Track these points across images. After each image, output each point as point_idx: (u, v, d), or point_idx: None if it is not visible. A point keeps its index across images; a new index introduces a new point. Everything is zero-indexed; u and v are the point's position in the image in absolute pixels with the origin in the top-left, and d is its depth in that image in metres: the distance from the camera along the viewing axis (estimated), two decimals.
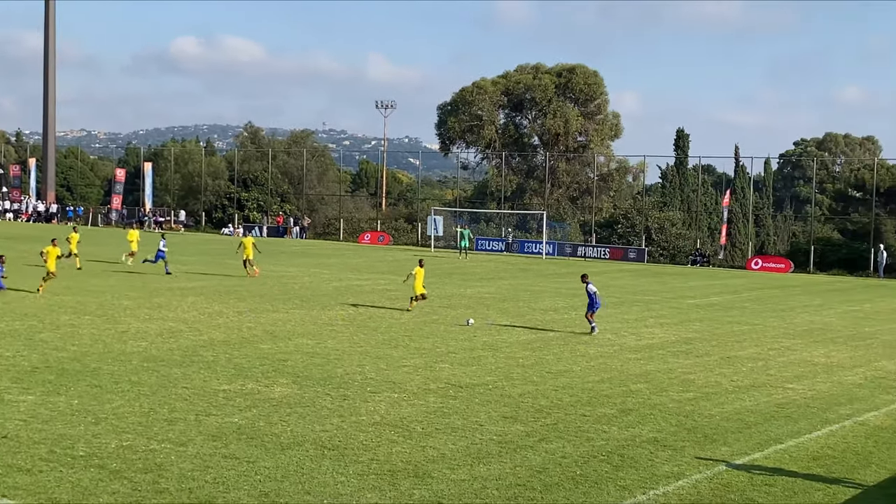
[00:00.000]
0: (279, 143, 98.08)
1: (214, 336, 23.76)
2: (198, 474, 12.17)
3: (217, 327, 25.30)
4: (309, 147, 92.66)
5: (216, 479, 12.02)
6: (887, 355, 24.72)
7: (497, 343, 24.30)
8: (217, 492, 11.53)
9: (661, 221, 68.35)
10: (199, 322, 26.15)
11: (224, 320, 26.68)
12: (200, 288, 34.71)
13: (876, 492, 12.78)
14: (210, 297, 31.81)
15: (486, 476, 12.55)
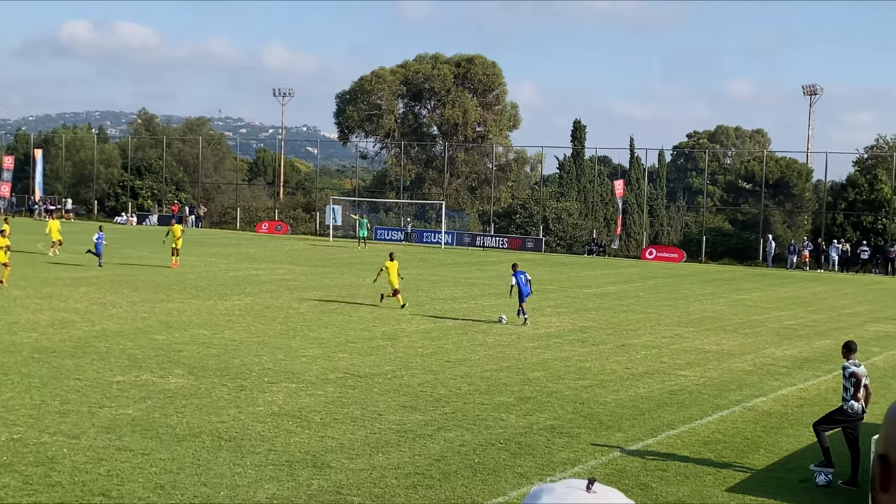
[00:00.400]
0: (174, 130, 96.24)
1: (108, 326, 23.25)
2: (91, 467, 11.90)
3: (110, 317, 24.76)
4: (205, 135, 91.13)
5: (110, 471, 11.77)
6: (775, 343, 25.47)
7: (396, 333, 24.31)
8: (111, 484, 11.30)
9: (558, 212, 69.18)
10: (92, 312, 25.55)
11: (118, 310, 26.12)
12: (93, 278, 33.90)
13: (764, 474, 13.16)
14: (103, 288, 31.10)
15: (385, 465, 12.55)
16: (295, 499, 11.13)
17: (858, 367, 13.06)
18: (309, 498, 11.18)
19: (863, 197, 59.44)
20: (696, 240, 65.47)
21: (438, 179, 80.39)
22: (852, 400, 12.90)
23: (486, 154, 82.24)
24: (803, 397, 18.44)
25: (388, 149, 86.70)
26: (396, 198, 77.85)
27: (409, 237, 68.46)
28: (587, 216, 70.90)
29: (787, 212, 73.40)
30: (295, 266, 42.82)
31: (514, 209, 72.73)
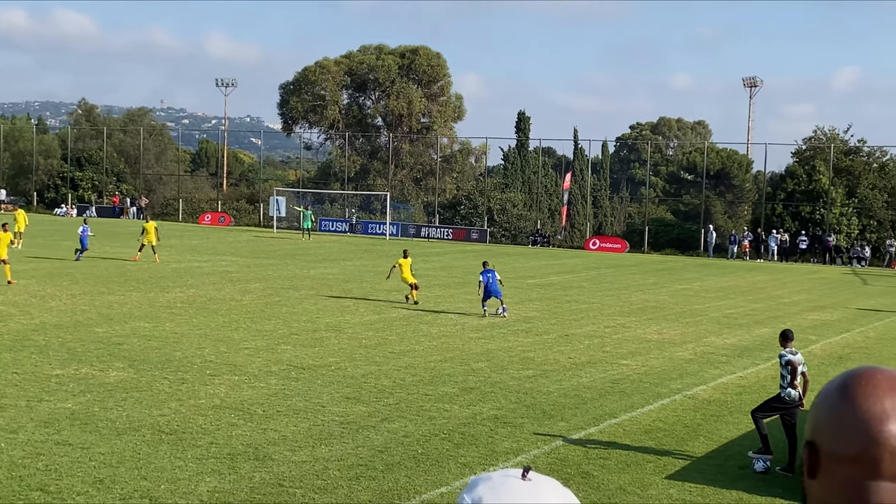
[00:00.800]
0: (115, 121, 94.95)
1: (46, 319, 22.89)
2: (29, 461, 11.72)
3: (49, 310, 24.38)
4: (146, 125, 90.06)
5: (48, 466, 11.60)
6: (715, 331, 25.80)
7: (340, 324, 24.24)
8: (49, 479, 11.14)
9: (502, 203, 69.42)
10: (31, 305, 25.15)
11: (57, 303, 25.73)
12: (32, 270, 33.35)
13: (704, 461, 13.33)
14: (42, 280, 30.62)
15: (328, 457, 12.52)
16: (236, 492, 11.06)
17: (795, 354, 13.28)
18: (251, 491, 11.12)
19: (801, 188, 60.40)
20: (638, 230, 66.10)
21: (383, 170, 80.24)
22: (789, 387, 13.12)
23: (430, 145, 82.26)
24: (742, 385, 18.71)
25: (333, 140, 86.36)
26: (341, 189, 77.57)
27: (353, 228, 68.29)
28: (532, 207, 71.21)
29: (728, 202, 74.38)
30: (238, 258, 42.51)
31: (459, 200, 72.86)
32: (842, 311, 32.07)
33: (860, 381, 1.68)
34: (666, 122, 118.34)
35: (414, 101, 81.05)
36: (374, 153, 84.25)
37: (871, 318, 30.23)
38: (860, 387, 1.67)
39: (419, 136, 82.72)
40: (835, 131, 64.21)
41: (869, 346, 24.54)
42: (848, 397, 1.67)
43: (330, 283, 33.93)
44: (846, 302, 35.08)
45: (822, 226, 59.05)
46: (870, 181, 60.56)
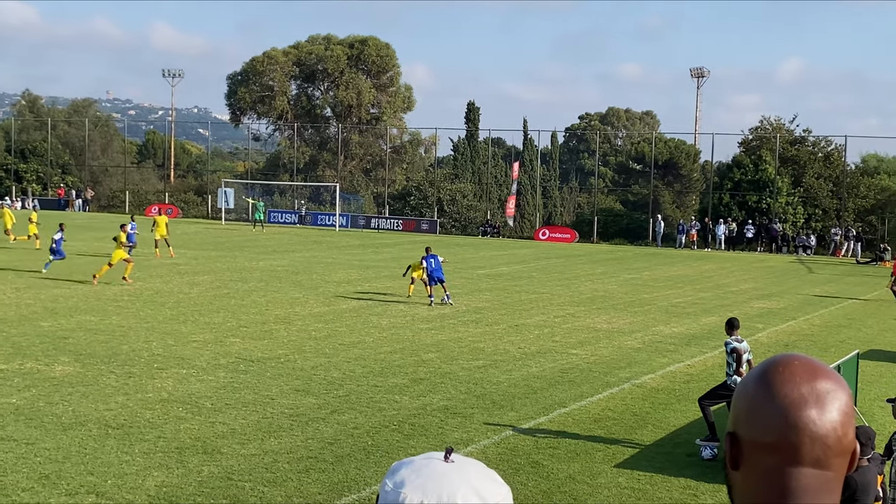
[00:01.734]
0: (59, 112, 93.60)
1: None
2: None
3: None
4: (91, 117, 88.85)
5: None
6: (663, 320, 26.03)
7: (290, 316, 24.11)
8: None
9: (452, 193, 69.44)
10: None
11: (1, 297, 25.30)
12: None
13: (652, 450, 13.44)
14: None
15: (278, 450, 12.44)
16: (185, 486, 10.96)
17: (741, 342, 13.43)
18: (199, 485, 11.02)
19: (748, 177, 61.08)
20: (588, 220, 66.49)
21: (333, 162, 79.90)
22: (735, 375, 13.27)
23: (380, 136, 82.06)
24: (690, 373, 18.90)
25: (282, 131, 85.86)
26: (290, 180, 77.13)
27: (303, 220, 67.93)
28: (481, 197, 71.31)
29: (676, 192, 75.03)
30: (186, 250, 42.10)
31: (409, 191, 72.78)
32: (788, 299, 32.51)
33: (777, 368, 1.69)
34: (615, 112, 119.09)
35: (363, 92, 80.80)
36: (324, 144, 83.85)
37: (817, 306, 30.68)
38: (777, 374, 1.68)
39: (369, 127, 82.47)
40: (781, 121, 65.02)
41: (814, 334, 24.90)
42: (766, 385, 1.68)
43: (279, 274, 33.73)
44: (792, 290, 35.57)
45: (769, 215, 59.79)
46: (815, 171, 61.39)
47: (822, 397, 1.65)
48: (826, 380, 1.67)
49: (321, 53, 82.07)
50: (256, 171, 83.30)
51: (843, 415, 1.65)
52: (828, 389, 1.66)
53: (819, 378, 1.67)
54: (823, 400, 1.65)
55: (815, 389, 1.65)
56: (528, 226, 69.08)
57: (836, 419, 1.64)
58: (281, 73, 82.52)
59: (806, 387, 1.65)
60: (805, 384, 1.66)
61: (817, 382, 1.66)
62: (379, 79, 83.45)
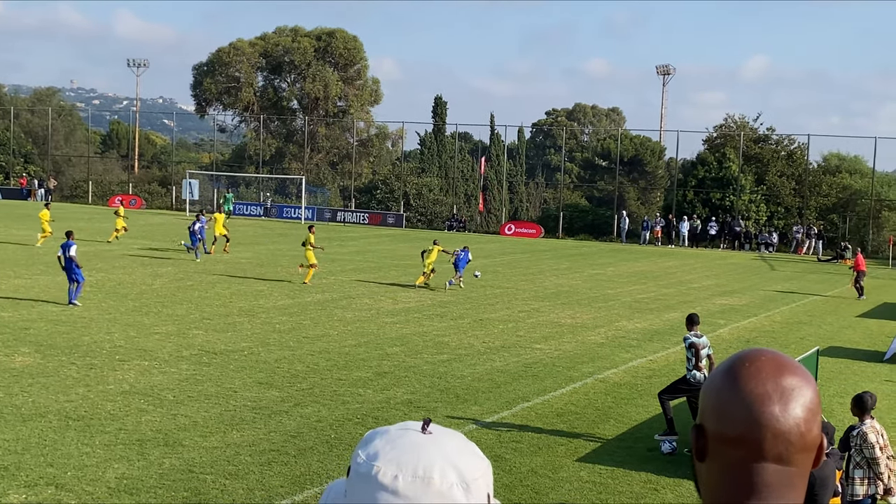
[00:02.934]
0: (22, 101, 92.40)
1: None
2: None
3: None
4: (55, 106, 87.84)
5: None
6: (626, 316, 26.18)
7: (254, 309, 24.01)
8: None
9: (419, 187, 69.39)
10: None
11: None
12: None
13: (614, 444, 13.53)
14: None
15: (240, 442, 12.40)
16: (145, 478, 10.90)
17: (700, 338, 13.54)
18: (160, 477, 10.97)
19: (712, 174, 61.51)
20: (553, 216, 66.67)
21: (299, 154, 79.56)
22: (694, 370, 13.38)
23: (347, 129, 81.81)
24: (652, 369, 19.03)
25: (248, 122, 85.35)
26: (256, 172, 76.74)
27: (268, 212, 67.61)
28: (448, 192, 71.32)
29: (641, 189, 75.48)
30: (150, 241, 41.78)
31: (376, 184, 72.65)
32: (749, 295, 32.80)
33: (744, 363, 1.70)
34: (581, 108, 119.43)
35: (330, 85, 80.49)
36: (290, 136, 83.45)
37: (778, 303, 30.97)
38: (744, 369, 1.69)
39: (335, 120, 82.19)
40: (745, 119, 65.50)
41: (775, 331, 25.15)
42: (732, 380, 1.70)
43: (244, 267, 33.57)
44: (754, 287, 35.89)
45: (732, 212, 60.24)
46: (778, 169, 61.92)
47: (786, 394, 1.66)
48: (792, 376, 1.68)
49: (288, 45, 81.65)
50: (222, 163, 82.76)
51: (807, 411, 1.66)
52: (793, 386, 1.67)
53: (785, 374, 1.68)
54: (788, 396, 1.66)
55: (781, 386, 1.67)
56: (494, 220, 69.18)
57: (800, 416, 1.66)
58: (247, 64, 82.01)
59: (771, 383, 1.67)
60: (770, 380, 1.67)
61: (783, 379, 1.68)
62: (346, 72, 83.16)
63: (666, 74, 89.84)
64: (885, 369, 20.25)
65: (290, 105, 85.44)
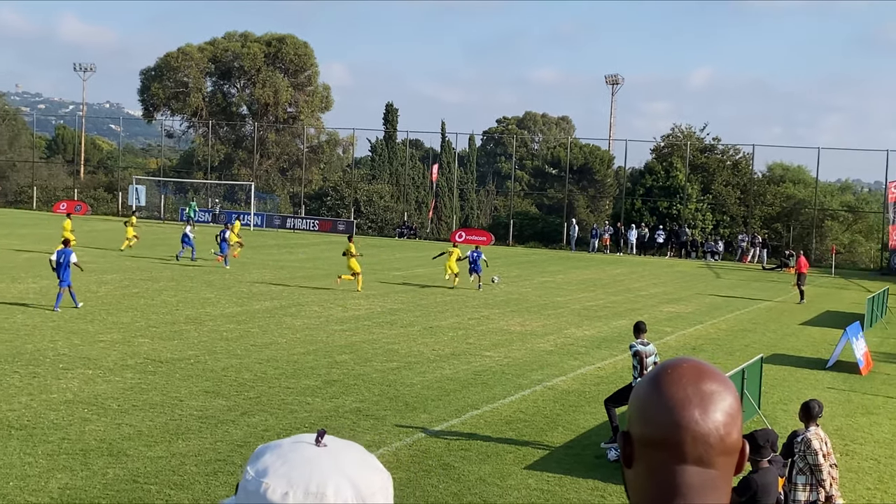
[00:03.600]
0: None
1: None
2: None
3: None
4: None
5: None
6: (575, 323, 26.33)
7: (201, 316, 23.79)
8: None
9: (369, 194, 69.28)
10: None
11: None
12: None
13: (562, 451, 13.59)
14: None
15: (185, 452, 12.27)
16: (89, 488, 10.74)
17: (646, 345, 13.65)
18: (104, 487, 10.82)
19: (659, 183, 62.12)
20: (504, 223, 66.89)
21: (248, 160, 79.02)
22: (640, 377, 13.47)
23: (297, 135, 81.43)
24: (600, 376, 19.14)
25: (196, 128, 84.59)
26: (204, 178, 76.12)
27: (216, 219, 67.07)
28: (399, 199, 71.28)
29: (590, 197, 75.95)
30: (95, 248, 41.27)
31: (326, 191, 72.40)
32: (696, 303, 33.14)
33: (666, 371, 1.77)
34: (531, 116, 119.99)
35: (280, 91, 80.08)
36: (239, 142, 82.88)
37: (723, 311, 31.33)
38: (666, 376, 1.76)
39: (286, 126, 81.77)
40: (691, 129, 66.24)
41: (720, 338, 25.42)
42: (655, 386, 1.76)
43: (191, 274, 33.28)
44: (700, 295, 36.27)
45: (679, 221, 60.88)
46: (723, 178, 62.69)
47: (706, 398, 1.72)
48: (712, 382, 1.74)
49: (238, 51, 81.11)
50: (169, 169, 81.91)
51: (726, 416, 1.72)
52: (713, 391, 1.73)
53: (705, 380, 1.74)
54: (708, 401, 1.71)
55: (701, 390, 1.72)
56: (445, 228, 69.25)
57: (720, 420, 1.71)
58: (196, 69, 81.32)
59: (692, 388, 1.72)
60: (691, 385, 1.73)
61: (703, 384, 1.73)
62: (296, 78, 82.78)
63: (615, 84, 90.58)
64: (827, 376, 20.55)
65: (240, 111, 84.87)
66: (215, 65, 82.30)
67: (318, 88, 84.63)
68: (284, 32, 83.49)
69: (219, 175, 77.83)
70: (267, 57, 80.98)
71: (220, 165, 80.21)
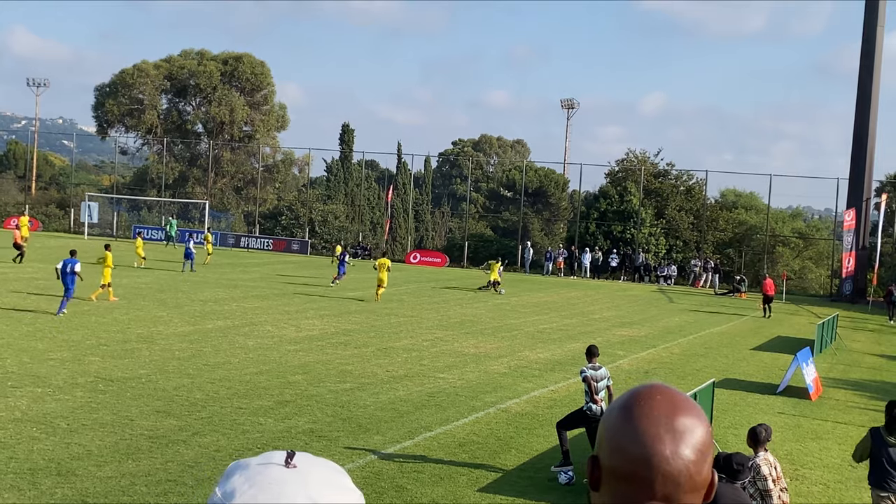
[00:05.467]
0: None
1: None
2: None
3: None
4: None
5: None
6: (529, 346, 26.40)
7: (153, 335, 23.56)
8: None
9: (324, 214, 69.13)
10: None
11: None
12: None
13: (515, 474, 13.60)
14: None
15: (135, 472, 12.13)
16: None
17: (597, 370, 13.72)
18: None
19: (613, 207, 62.63)
20: (458, 245, 67.04)
21: (203, 178, 78.57)
22: (591, 402, 13.55)
23: (252, 154, 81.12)
24: (553, 399, 19.20)
25: (150, 145, 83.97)
26: (158, 196, 75.52)
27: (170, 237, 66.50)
28: (354, 219, 71.18)
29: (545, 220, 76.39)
30: (46, 265, 40.74)
31: (281, 211, 72.16)
32: (648, 327, 33.38)
33: (639, 402, 1.75)
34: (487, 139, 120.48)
35: (236, 109, 79.79)
36: (194, 160, 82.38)
37: (676, 335, 31.58)
38: (638, 408, 1.74)
39: (241, 145, 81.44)
40: (645, 154, 66.94)
41: (673, 362, 25.62)
42: (627, 417, 1.74)
43: (143, 292, 32.95)
44: (653, 319, 36.54)
45: (632, 245, 61.38)
46: (677, 203, 63.36)
47: (678, 436, 1.71)
48: (685, 416, 1.73)
49: (194, 68, 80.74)
50: (123, 186, 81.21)
51: (697, 453, 1.71)
52: (685, 427, 1.72)
53: (678, 415, 1.73)
54: (679, 438, 1.70)
55: (673, 427, 1.71)
56: (400, 249, 69.24)
57: (690, 458, 1.70)
58: (151, 86, 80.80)
59: (664, 424, 1.71)
60: (663, 421, 1.72)
61: (676, 420, 1.72)
62: (253, 96, 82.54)
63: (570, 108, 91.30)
64: (778, 401, 20.78)
65: (195, 129, 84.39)
66: (171, 82, 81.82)
67: (274, 107, 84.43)
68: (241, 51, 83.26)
69: (173, 193, 77.27)
70: (223, 75, 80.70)
71: (175, 183, 79.65)
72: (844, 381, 24.21)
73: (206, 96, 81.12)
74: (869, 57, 53.48)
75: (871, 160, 54.23)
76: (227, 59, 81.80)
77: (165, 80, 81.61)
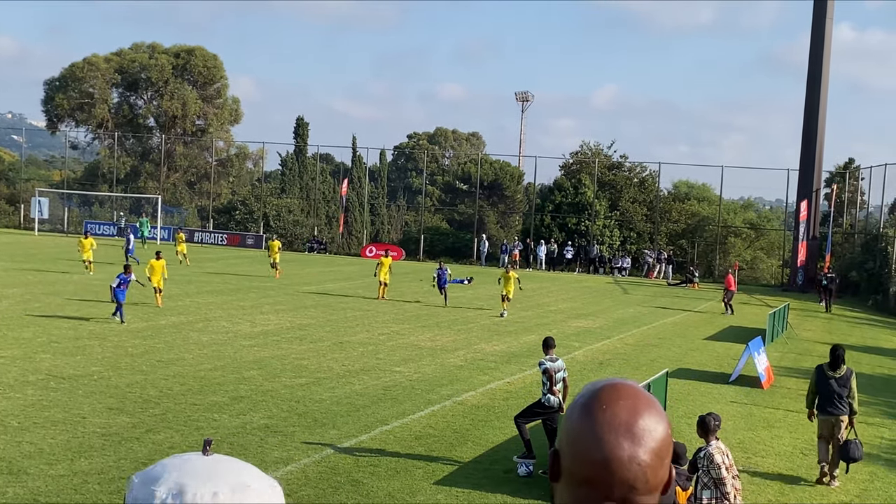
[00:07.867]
0: None
1: None
2: None
3: None
4: None
5: None
6: (485, 338, 26.46)
7: (105, 332, 23.31)
8: None
9: (279, 208, 68.78)
10: None
11: None
12: None
13: (471, 466, 13.63)
14: None
15: (88, 470, 12.01)
16: None
17: (555, 361, 13.78)
18: None
19: (568, 200, 62.92)
20: (414, 238, 67.00)
21: (155, 173, 77.81)
22: (549, 394, 13.61)
23: (206, 148, 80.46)
24: (510, 391, 19.27)
25: (102, 140, 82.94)
26: (109, 191, 74.69)
27: (122, 232, 65.82)
28: (309, 213, 70.88)
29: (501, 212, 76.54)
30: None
31: (235, 205, 71.65)
32: (603, 318, 33.60)
33: (600, 404, 1.76)
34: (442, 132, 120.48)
35: (189, 103, 79.05)
36: (146, 154, 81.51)
37: (630, 326, 31.81)
38: (599, 411, 1.76)
39: (194, 139, 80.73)
40: (599, 147, 67.31)
41: (627, 353, 25.80)
42: (587, 418, 1.76)
43: (95, 288, 32.58)
44: (607, 310, 36.78)
45: (587, 237, 61.72)
46: (630, 195, 63.80)
47: (636, 439, 1.73)
48: (645, 418, 1.75)
49: (145, 62, 79.86)
50: (74, 181, 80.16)
51: (655, 457, 1.74)
52: (645, 430, 1.74)
53: (638, 418, 1.74)
54: (638, 443, 1.72)
55: (632, 432, 1.73)
56: (356, 242, 69.07)
57: (648, 462, 1.73)
58: (102, 80, 79.78)
59: (624, 429, 1.73)
60: (623, 428, 1.73)
61: (636, 424, 1.74)
62: (206, 90, 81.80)
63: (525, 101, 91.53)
64: (730, 390, 21.01)
65: (147, 123, 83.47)
66: (122, 76, 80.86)
67: (227, 101, 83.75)
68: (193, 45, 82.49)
69: (125, 188, 76.46)
70: (175, 68, 79.90)
71: (127, 178, 78.79)
72: (796, 369, 24.53)
73: (157, 90, 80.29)
74: (818, 49, 54.14)
75: (820, 151, 54.95)
76: (178, 53, 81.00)
77: (116, 74, 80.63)
